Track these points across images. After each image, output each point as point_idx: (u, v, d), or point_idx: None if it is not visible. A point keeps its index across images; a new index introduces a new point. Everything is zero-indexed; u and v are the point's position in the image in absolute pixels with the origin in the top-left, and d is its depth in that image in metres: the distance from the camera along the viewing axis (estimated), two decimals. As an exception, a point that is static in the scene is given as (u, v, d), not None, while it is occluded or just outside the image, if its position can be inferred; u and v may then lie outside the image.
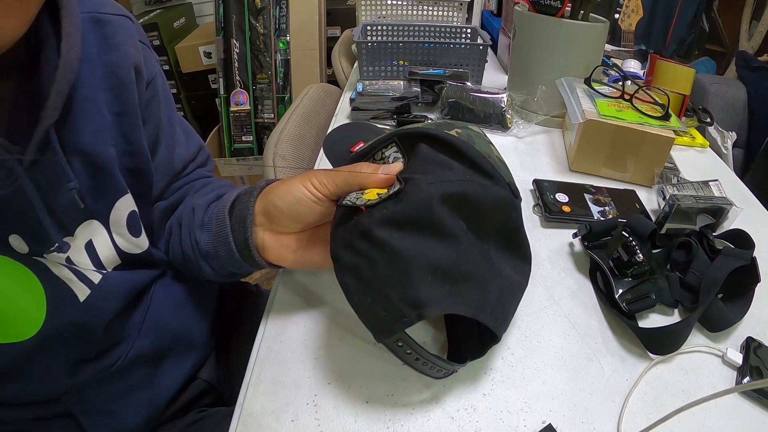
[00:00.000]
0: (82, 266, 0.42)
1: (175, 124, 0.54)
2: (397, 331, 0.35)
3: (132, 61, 0.44)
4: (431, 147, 0.40)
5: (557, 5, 0.81)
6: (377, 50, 1.00)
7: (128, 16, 0.46)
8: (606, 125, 0.71)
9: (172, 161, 0.53)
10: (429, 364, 0.39)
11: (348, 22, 2.15)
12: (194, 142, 0.58)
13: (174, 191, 0.54)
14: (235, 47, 1.90)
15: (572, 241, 0.61)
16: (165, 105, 0.51)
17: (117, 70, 0.42)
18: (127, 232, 0.46)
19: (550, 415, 0.41)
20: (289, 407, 0.40)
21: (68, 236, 0.40)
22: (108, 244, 0.45)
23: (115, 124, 0.43)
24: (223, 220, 0.45)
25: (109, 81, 0.42)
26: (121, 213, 0.45)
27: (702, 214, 0.61)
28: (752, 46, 2.17)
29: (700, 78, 1.55)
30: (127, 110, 0.44)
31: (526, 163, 0.80)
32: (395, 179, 0.40)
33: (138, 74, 0.45)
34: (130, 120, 0.44)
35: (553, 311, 0.51)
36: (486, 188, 0.39)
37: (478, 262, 0.38)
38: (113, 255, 0.45)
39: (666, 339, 0.46)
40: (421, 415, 0.40)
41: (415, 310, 0.34)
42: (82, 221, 0.41)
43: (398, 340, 0.36)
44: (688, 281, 0.52)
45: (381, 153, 0.44)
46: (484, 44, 1.01)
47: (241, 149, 2.02)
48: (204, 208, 0.48)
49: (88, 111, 0.40)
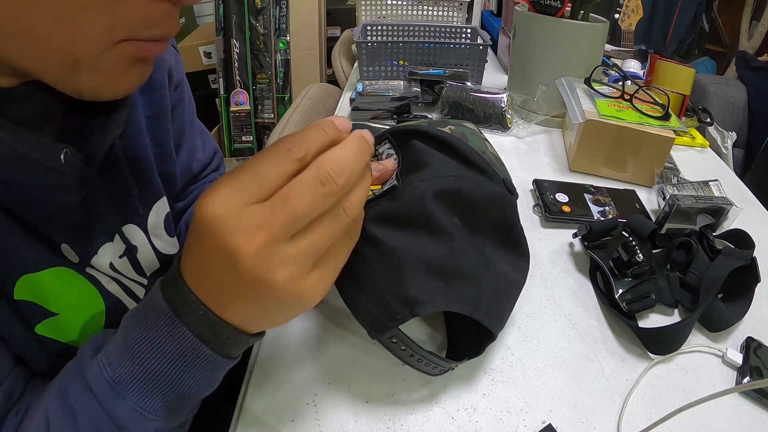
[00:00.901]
0: (123, 272, 0.41)
1: (195, 128, 0.55)
2: (390, 329, 0.35)
3: (166, 66, 0.44)
4: (424, 143, 0.40)
5: (557, 5, 0.81)
6: (377, 50, 1.00)
7: None
8: (606, 125, 0.71)
9: (192, 165, 0.54)
10: (424, 360, 0.39)
11: (348, 22, 2.15)
12: (210, 146, 0.59)
13: (190, 193, 0.55)
14: (235, 47, 1.90)
15: (572, 241, 0.61)
16: (189, 109, 0.51)
17: (153, 74, 0.42)
18: (165, 234, 0.47)
19: (550, 415, 0.41)
20: (289, 407, 0.40)
21: (109, 241, 0.39)
22: (148, 248, 0.45)
23: (148, 128, 0.43)
24: None
25: (144, 83, 0.42)
26: (159, 215, 0.45)
27: (702, 214, 0.61)
28: (752, 46, 2.17)
29: (700, 78, 1.55)
30: (160, 114, 0.44)
31: (526, 163, 0.80)
32: (390, 176, 0.40)
33: (170, 78, 0.46)
34: (162, 124, 0.44)
35: (553, 311, 0.51)
36: (479, 184, 0.39)
37: (473, 260, 0.38)
38: (153, 258, 0.45)
39: (666, 339, 0.46)
40: (421, 415, 0.40)
41: (408, 307, 0.34)
42: (122, 225, 0.41)
43: (392, 336, 0.36)
44: (688, 281, 0.52)
45: (375, 150, 0.43)
46: (484, 44, 1.01)
47: (241, 149, 2.02)
48: None
49: (132, 115, 0.40)
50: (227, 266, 0.25)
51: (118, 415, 0.29)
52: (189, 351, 0.28)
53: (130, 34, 0.25)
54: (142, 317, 0.29)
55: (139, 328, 0.29)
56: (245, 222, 0.24)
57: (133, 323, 0.30)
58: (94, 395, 0.29)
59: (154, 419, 0.30)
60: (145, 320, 0.29)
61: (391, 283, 0.35)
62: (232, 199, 0.24)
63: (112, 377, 0.29)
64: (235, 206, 0.24)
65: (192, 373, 0.29)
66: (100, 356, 0.30)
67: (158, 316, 0.28)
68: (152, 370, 0.29)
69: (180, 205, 0.53)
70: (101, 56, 0.25)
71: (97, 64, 0.25)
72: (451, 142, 0.39)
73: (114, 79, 0.27)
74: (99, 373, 0.29)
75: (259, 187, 0.25)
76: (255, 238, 0.24)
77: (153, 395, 0.29)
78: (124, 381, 0.29)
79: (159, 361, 0.28)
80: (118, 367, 0.29)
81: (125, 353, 0.29)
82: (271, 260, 0.25)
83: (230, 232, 0.24)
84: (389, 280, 0.35)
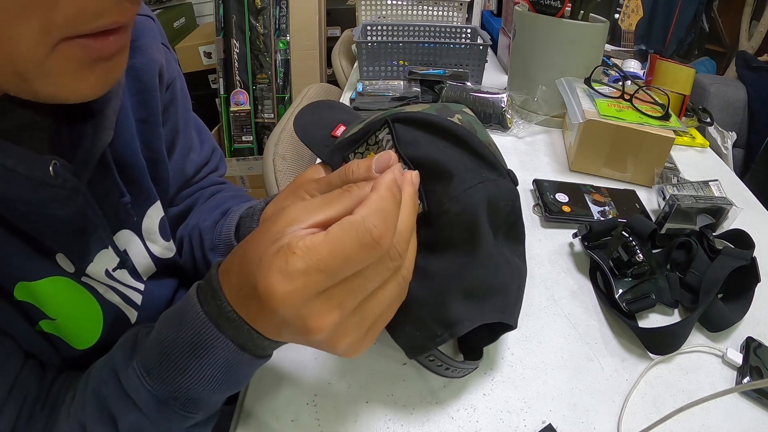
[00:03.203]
0: (119, 278, 0.41)
1: (191, 126, 0.53)
2: (429, 349, 0.36)
3: (156, 66, 0.43)
4: (434, 136, 0.38)
5: (557, 5, 0.81)
6: (377, 50, 1.00)
7: (151, 16, 0.44)
8: (606, 125, 0.71)
9: (185, 167, 0.53)
10: (458, 370, 0.40)
11: (348, 22, 2.15)
12: (208, 144, 0.57)
13: (185, 197, 0.54)
14: (235, 47, 1.90)
15: (572, 241, 0.61)
16: (182, 109, 0.50)
17: (142, 76, 0.41)
18: (161, 238, 0.47)
19: (550, 415, 0.41)
20: (289, 407, 0.40)
21: (104, 248, 0.39)
22: (143, 253, 0.44)
23: (138, 131, 0.42)
24: (230, 245, 0.46)
25: (133, 85, 0.41)
26: (153, 220, 0.45)
27: (702, 214, 0.61)
28: (752, 46, 2.17)
29: (700, 78, 1.55)
30: (150, 117, 0.43)
31: (526, 163, 0.80)
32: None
33: (160, 79, 0.44)
34: (152, 127, 0.43)
35: (553, 311, 0.51)
36: (498, 186, 0.38)
37: (502, 269, 0.39)
38: (149, 263, 0.45)
39: (666, 339, 0.46)
40: (421, 415, 0.40)
41: (447, 329, 0.36)
42: (116, 231, 0.41)
43: (430, 355, 0.38)
44: (688, 281, 0.52)
45: (375, 137, 0.40)
46: (484, 44, 1.01)
47: (241, 149, 2.02)
48: (211, 230, 0.49)
49: (121, 121, 0.39)
50: (295, 335, 0.27)
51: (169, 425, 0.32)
52: (233, 362, 0.29)
53: (68, 32, 0.23)
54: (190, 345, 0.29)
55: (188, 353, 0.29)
56: (322, 306, 0.25)
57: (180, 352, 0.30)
58: (135, 404, 0.31)
59: (194, 416, 0.32)
60: (195, 348, 0.29)
61: (430, 307, 0.36)
62: (308, 286, 0.24)
63: (157, 393, 0.30)
64: (312, 293, 0.24)
65: (236, 378, 0.31)
66: (145, 378, 0.30)
67: (199, 330, 0.29)
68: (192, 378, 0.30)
69: (174, 211, 0.52)
70: (44, 63, 0.23)
71: (42, 72, 0.23)
72: (463, 135, 0.38)
73: (69, 84, 0.25)
74: (140, 385, 0.30)
75: (340, 274, 0.24)
76: (329, 317, 0.25)
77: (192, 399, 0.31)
78: (169, 399, 0.30)
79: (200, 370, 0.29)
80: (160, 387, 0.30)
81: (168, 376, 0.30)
82: (339, 332, 0.26)
83: (304, 315, 0.24)
84: (429, 306, 0.36)
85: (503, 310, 0.38)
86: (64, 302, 0.36)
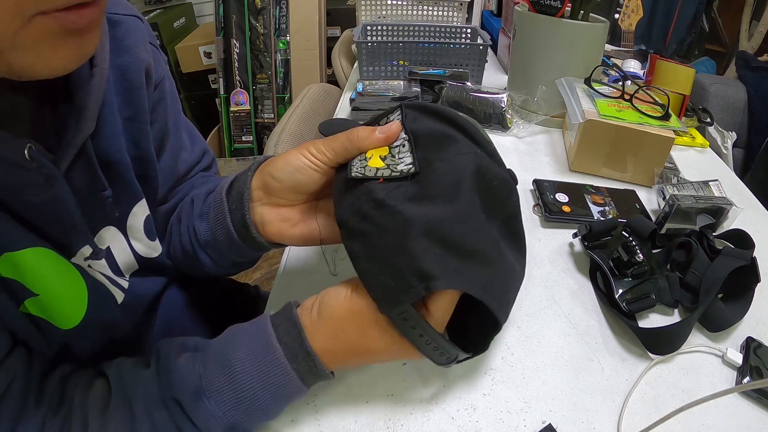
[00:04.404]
0: (99, 269, 0.41)
1: (181, 128, 0.53)
2: (403, 302, 0.34)
3: (143, 65, 0.43)
4: (441, 122, 0.40)
5: (557, 5, 0.81)
6: (377, 50, 1.00)
7: (138, 16, 0.45)
8: (606, 125, 0.71)
9: (176, 166, 0.52)
10: (433, 343, 0.37)
11: (348, 22, 2.15)
12: (199, 146, 0.57)
13: (176, 193, 0.54)
14: (235, 47, 1.90)
15: (572, 241, 0.61)
16: (172, 108, 0.50)
17: (129, 74, 0.41)
18: (145, 237, 0.46)
19: (550, 415, 0.41)
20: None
21: (87, 243, 0.39)
22: (126, 250, 0.44)
23: (125, 129, 0.42)
24: (220, 202, 0.44)
25: (120, 84, 0.41)
26: (138, 218, 0.45)
27: (702, 214, 0.61)
28: (752, 46, 2.17)
29: (700, 78, 1.55)
30: (137, 115, 0.43)
31: (526, 163, 0.80)
32: (396, 136, 0.40)
33: (148, 78, 0.44)
34: (139, 125, 0.43)
35: (553, 311, 0.51)
36: (490, 163, 0.39)
37: (488, 240, 0.37)
38: (131, 261, 0.45)
39: (666, 339, 0.46)
40: (421, 415, 0.40)
41: (422, 281, 0.33)
42: (100, 228, 0.41)
43: (403, 312, 0.35)
44: (688, 281, 0.52)
45: (386, 119, 0.43)
46: (484, 44, 1.01)
47: (241, 149, 2.02)
48: (203, 197, 0.48)
49: (105, 116, 0.39)
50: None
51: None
52: (294, 391, 0.37)
53: (41, 6, 0.24)
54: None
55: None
56: None
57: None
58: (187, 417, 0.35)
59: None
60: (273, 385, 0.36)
61: (406, 255, 0.34)
62: None
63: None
64: None
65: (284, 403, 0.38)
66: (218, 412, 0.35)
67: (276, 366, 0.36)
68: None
69: (164, 208, 0.52)
70: (18, 35, 0.24)
71: (16, 43, 0.25)
72: (463, 124, 0.40)
73: (43, 56, 0.26)
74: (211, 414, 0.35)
75: None
76: None
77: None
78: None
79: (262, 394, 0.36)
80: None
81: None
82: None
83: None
84: (405, 252, 0.34)
85: (485, 288, 0.36)
86: (48, 275, 0.36)
